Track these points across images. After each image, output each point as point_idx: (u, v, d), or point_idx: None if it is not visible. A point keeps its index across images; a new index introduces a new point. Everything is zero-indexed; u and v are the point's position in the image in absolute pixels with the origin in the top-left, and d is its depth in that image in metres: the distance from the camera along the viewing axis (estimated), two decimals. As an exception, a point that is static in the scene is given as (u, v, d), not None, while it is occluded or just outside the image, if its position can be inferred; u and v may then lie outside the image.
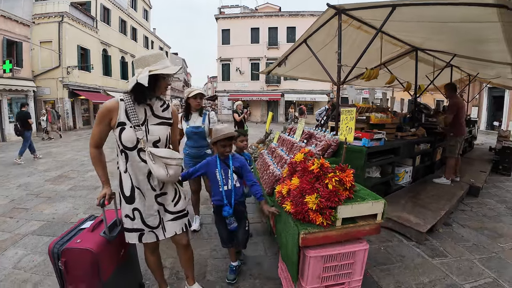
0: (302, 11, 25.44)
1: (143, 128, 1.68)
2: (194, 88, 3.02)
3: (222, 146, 2.14)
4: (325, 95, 25.32)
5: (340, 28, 3.78)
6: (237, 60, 26.67)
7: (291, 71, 5.47)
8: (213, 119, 3.10)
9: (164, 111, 1.80)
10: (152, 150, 1.65)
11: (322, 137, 2.69)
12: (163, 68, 1.62)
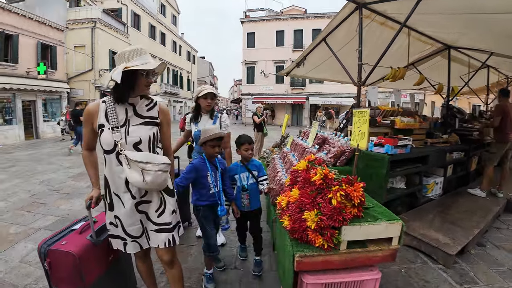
0: (328, 13, 24.83)
1: (122, 129, 1.54)
2: (204, 87, 2.67)
3: (211, 146, 2.11)
4: (352, 98, 24.43)
5: (361, 24, 3.46)
6: (262, 63, 26.60)
7: (311, 72, 5.19)
8: (225, 123, 2.75)
9: (150, 110, 1.64)
10: (127, 153, 1.48)
11: (335, 142, 2.41)
12: (141, 64, 1.47)
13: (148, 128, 1.59)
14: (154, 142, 1.62)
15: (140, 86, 1.54)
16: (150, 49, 25.17)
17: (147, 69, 1.49)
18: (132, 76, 1.49)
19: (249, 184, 2.38)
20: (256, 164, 2.43)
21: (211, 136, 2.08)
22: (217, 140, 2.11)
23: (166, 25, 28.58)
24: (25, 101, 14.14)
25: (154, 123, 1.62)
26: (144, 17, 24.23)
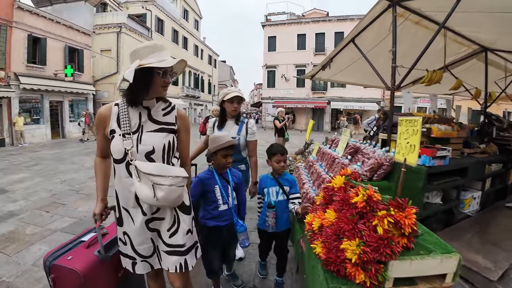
0: (351, 15, 24.23)
1: (134, 136, 1.37)
2: (231, 90, 2.44)
3: (223, 156, 1.86)
4: (375, 103, 23.62)
5: (395, 23, 3.18)
6: (283, 67, 26.34)
7: (337, 75, 4.88)
8: (252, 130, 2.49)
9: (167, 115, 1.46)
10: (137, 164, 1.30)
11: (370, 153, 2.12)
12: (156, 61, 1.30)
13: (162, 135, 1.40)
14: (170, 151, 1.42)
15: (156, 86, 1.36)
16: (173, 53, 25.67)
17: (163, 67, 1.31)
18: (147, 75, 1.32)
19: (278, 201, 2.07)
20: (288, 178, 2.14)
21: (223, 144, 1.82)
22: (229, 148, 1.86)
23: (189, 30, 29.10)
24: (53, 102, 14.76)
25: (171, 130, 1.44)
26: (168, 22, 24.77)
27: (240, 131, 2.46)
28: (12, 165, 7.77)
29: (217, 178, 1.89)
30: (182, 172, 1.38)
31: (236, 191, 1.97)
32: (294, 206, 2.01)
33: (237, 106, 2.44)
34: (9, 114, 12.17)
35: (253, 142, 2.48)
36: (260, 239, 2.30)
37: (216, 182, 1.87)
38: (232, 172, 1.99)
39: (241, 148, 2.47)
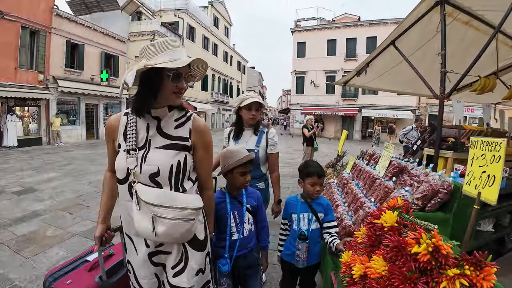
0: (385, 19, 23.16)
1: (140, 153, 1.15)
2: (248, 95, 2.15)
3: (240, 174, 1.55)
4: (410, 111, 22.28)
5: (444, 22, 2.83)
6: (312, 73, 25.80)
7: (373, 82, 4.47)
8: (273, 141, 2.16)
9: (179, 127, 1.20)
10: (138, 188, 1.09)
11: (422, 175, 1.73)
12: (167, 61, 1.07)
13: (171, 154, 1.15)
14: (180, 173, 1.15)
15: (166, 92, 1.13)
16: (203, 59, 26.09)
17: (173, 68, 1.08)
18: (154, 79, 1.10)
19: (311, 230, 1.72)
20: (323, 203, 1.79)
21: (241, 160, 1.52)
22: (247, 164, 1.55)
23: (219, 37, 29.66)
24: (89, 105, 15.59)
25: (182, 147, 1.18)
26: (199, 29, 25.41)
27: (259, 142, 2.14)
28: (45, 164, 8.14)
29: (228, 202, 1.57)
30: (194, 202, 1.14)
31: (254, 215, 1.66)
32: (333, 240, 1.65)
33: (256, 114, 2.12)
34: (47, 115, 12.96)
35: (274, 155, 2.17)
36: (283, 273, 1.94)
37: (227, 209, 1.56)
38: (249, 192, 1.66)
39: (260, 162, 2.14)
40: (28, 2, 11.48)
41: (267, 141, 2.15)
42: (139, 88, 1.12)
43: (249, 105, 2.10)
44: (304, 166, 1.83)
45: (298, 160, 9.78)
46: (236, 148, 1.63)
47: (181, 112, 1.24)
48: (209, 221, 1.35)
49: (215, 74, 29.59)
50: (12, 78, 11.20)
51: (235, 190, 1.61)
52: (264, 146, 2.15)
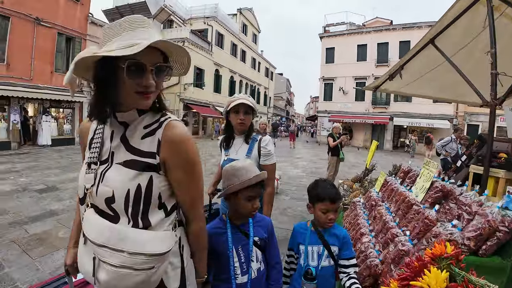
0: (419, 23, 21.82)
1: (101, 168, 0.90)
2: (236, 96, 1.85)
3: (247, 199, 1.22)
4: (447, 121, 20.67)
5: (492, 16, 2.40)
6: (341, 79, 24.94)
7: (408, 87, 3.97)
8: (266, 149, 1.83)
9: (146, 137, 0.90)
10: (85, 216, 0.86)
11: (473, 204, 1.32)
12: (122, 47, 0.77)
13: (130, 174, 0.85)
14: (140, 203, 0.85)
15: (124, 92, 0.83)
16: (231, 65, 26.62)
17: (128, 57, 0.76)
18: (108, 73, 0.81)
19: (321, 268, 1.36)
20: (338, 234, 1.41)
21: (250, 181, 1.19)
22: (257, 187, 1.23)
23: (247, 43, 29.89)
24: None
25: (145, 166, 0.87)
26: (227, 36, 25.73)
27: (250, 152, 1.83)
28: (73, 163, 8.46)
29: (230, 234, 1.24)
30: (154, 245, 0.81)
31: (264, 249, 1.31)
32: (352, 284, 1.29)
33: (245, 118, 1.82)
34: (80, 117, 13.71)
35: (269, 167, 1.80)
36: None
37: (228, 244, 1.22)
38: (256, 219, 1.31)
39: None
40: (64, 10, 12.28)
41: (260, 150, 1.83)
42: (94, 86, 0.87)
43: (236, 108, 1.81)
44: (313, 186, 1.45)
45: (324, 170, 9.29)
46: (242, 165, 1.27)
47: (156, 117, 0.94)
48: (196, 260, 1.03)
49: (243, 80, 29.77)
50: (48, 81, 11.95)
51: (240, 219, 1.28)
52: (256, 156, 1.83)
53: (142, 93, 0.84)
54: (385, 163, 12.42)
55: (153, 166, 0.88)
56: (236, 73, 27.87)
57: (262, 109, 34.79)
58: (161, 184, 0.89)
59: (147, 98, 0.86)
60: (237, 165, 1.27)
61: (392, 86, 3.96)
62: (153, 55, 0.83)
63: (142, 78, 0.82)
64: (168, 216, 0.93)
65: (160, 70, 0.86)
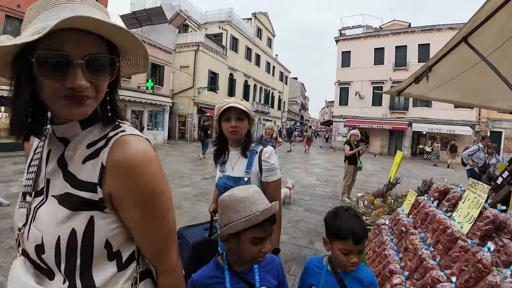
0: (438, 25, 20.96)
1: (35, 202, 0.66)
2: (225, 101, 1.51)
3: (252, 242, 0.91)
4: (469, 127, 19.65)
5: None
6: (357, 83, 24.27)
7: (435, 91, 3.59)
8: (269, 163, 1.50)
9: (88, 161, 0.64)
10: (12, 266, 0.62)
11: None
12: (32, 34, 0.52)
13: (61, 215, 0.60)
14: (76, 255, 0.60)
15: (46, 97, 0.58)
16: (246, 69, 26.56)
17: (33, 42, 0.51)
18: (21, 70, 0.57)
19: None
20: (363, 278, 1.11)
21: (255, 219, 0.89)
22: (266, 224, 0.93)
23: (262, 47, 29.80)
24: (135, 111, 16.42)
25: (83, 203, 0.61)
26: (242, 40, 25.72)
27: (250, 167, 1.50)
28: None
29: (228, 285, 0.94)
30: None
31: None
32: None
33: (238, 125, 1.47)
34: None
35: (272, 184, 1.49)
36: None
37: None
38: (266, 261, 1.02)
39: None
40: None
41: (261, 164, 1.49)
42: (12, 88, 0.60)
43: (227, 114, 1.47)
44: (332, 217, 1.14)
45: (339, 178, 8.87)
46: (245, 194, 0.94)
47: (105, 130, 0.67)
48: None
49: (257, 84, 29.64)
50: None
51: (242, 265, 0.99)
52: (258, 172, 1.50)
53: (70, 98, 0.57)
54: (405, 172, 11.83)
55: (93, 202, 0.61)
56: (250, 77, 27.79)
57: (276, 114, 34.56)
58: (110, 227, 0.63)
59: (79, 104, 0.58)
60: (238, 195, 0.94)
61: (417, 90, 3.59)
62: (85, 43, 0.57)
63: (65, 77, 0.55)
64: (125, 269, 0.66)
65: (96, 64, 0.59)
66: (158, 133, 18.24)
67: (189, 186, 6.78)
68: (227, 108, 1.45)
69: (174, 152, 13.79)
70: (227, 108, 1.45)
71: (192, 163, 10.54)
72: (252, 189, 0.99)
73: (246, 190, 0.98)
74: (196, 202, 5.42)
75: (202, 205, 5.18)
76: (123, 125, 0.69)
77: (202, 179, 7.72)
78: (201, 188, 6.64)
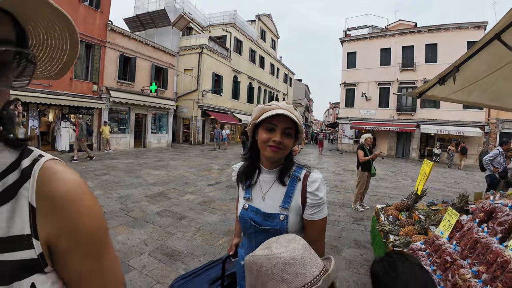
0: (446, 24, 20.49)
1: None
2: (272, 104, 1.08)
3: None
4: (478, 128, 19.17)
5: None
6: (363, 84, 23.88)
7: (461, 92, 3.29)
8: (318, 197, 1.06)
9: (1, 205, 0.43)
10: None
11: None
12: None
13: None
14: None
15: None
16: (250, 71, 26.41)
17: None
18: None
19: None
20: None
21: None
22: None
23: (266, 49, 29.61)
24: (139, 114, 16.35)
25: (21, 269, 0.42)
26: (246, 42, 25.56)
27: (288, 201, 1.08)
28: (85, 172, 8.24)
29: None
30: None
31: None
32: None
33: (282, 142, 1.05)
34: (99, 123, 13.81)
35: (318, 224, 1.08)
36: None
37: None
38: None
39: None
40: (84, 18, 12.43)
41: (305, 197, 1.07)
42: None
43: (272, 122, 1.06)
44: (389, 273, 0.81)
45: (349, 183, 8.55)
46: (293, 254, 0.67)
47: (8, 156, 0.47)
48: None
49: (261, 86, 29.43)
50: (67, 88, 12.06)
51: None
52: (299, 208, 1.08)
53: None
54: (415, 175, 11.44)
55: (31, 263, 0.44)
56: (255, 79, 27.60)
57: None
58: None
59: None
60: (282, 256, 0.66)
61: (441, 91, 3.30)
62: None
63: None
64: None
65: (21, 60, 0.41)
66: (162, 137, 18.11)
67: (194, 193, 6.53)
68: (274, 115, 1.03)
69: (178, 156, 13.60)
70: (274, 115, 1.04)
71: (197, 167, 10.30)
72: (299, 243, 0.70)
73: (292, 245, 0.68)
74: (201, 212, 5.15)
75: (207, 215, 4.92)
76: (31, 147, 0.51)
77: (207, 185, 7.47)
78: (206, 195, 6.38)
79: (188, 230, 4.17)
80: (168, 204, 5.55)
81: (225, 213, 5.07)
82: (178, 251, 3.46)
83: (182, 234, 3.98)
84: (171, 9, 19.00)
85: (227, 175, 9.00)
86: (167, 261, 3.19)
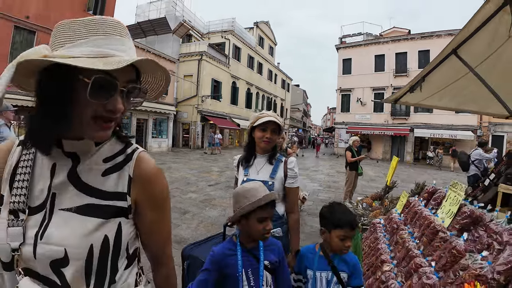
0: (438, 31, 21.22)
1: (34, 219, 0.65)
2: (264, 113, 1.72)
3: (259, 221, 1.15)
4: (470, 131, 19.75)
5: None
6: (359, 90, 24.53)
7: (430, 99, 3.78)
8: (293, 172, 1.72)
9: (110, 174, 0.72)
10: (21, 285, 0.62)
11: (504, 233, 1.18)
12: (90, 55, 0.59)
13: (93, 224, 0.66)
14: (108, 259, 0.68)
15: (80, 115, 0.61)
16: (248, 77, 26.96)
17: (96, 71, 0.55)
18: (62, 86, 0.59)
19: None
20: (348, 260, 1.34)
21: (259, 201, 1.14)
22: (269, 206, 1.17)
23: (264, 56, 30.27)
24: (140, 119, 16.83)
25: (114, 211, 0.70)
26: (244, 49, 26.20)
27: (275, 174, 1.70)
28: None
29: (240, 257, 1.17)
30: None
31: (275, 273, 1.25)
32: None
33: (271, 137, 1.69)
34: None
35: (294, 191, 1.72)
36: None
37: (237, 264, 1.16)
38: (267, 243, 1.24)
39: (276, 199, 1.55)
40: None
41: (286, 172, 1.70)
42: (37, 100, 0.62)
43: (264, 125, 1.68)
44: (330, 211, 1.36)
45: (341, 184, 9.01)
46: (252, 186, 1.22)
47: (117, 146, 0.76)
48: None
49: (260, 92, 30.01)
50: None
51: (251, 242, 1.22)
52: (282, 179, 1.70)
53: (102, 119, 0.63)
54: (407, 177, 11.95)
55: (122, 210, 0.71)
56: (253, 85, 28.16)
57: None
58: (130, 230, 0.74)
59: (107, 128, 0.65)
60: (247, 186, 1.24)
61: (413, 98, 3.80)
62: (127, 70, 0.63)
63: (109, 100, 0.61)
64: (131, 266, 0.78)
65: (132, 91, 0.67)
66: (162, 141, 18.55)
67: (195, 192, 6.98)
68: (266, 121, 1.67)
69: (178, 159, 14.03)
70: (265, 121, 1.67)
71: (197, 170, 10.74)
72: (257, 183, 1.28)
73: (253, 183, 1.28)
74: (203, 207, 5.61)
75: (209, 211, 5.37)
76: (132, 142, 0.81)
77: (208, 185, 7.92)
78: (207, 194, 6.83)
79: (192, 222, 4.63)
80: (172, 202, 5.91)
81: (225, 209, 5.52)
82: (184, 238, 3.92)
83: (186, 226, 4.44)
84: (171, 17, 19.61)
85: (226, 176, 9.45)
86: (175, 246, 3.64)
